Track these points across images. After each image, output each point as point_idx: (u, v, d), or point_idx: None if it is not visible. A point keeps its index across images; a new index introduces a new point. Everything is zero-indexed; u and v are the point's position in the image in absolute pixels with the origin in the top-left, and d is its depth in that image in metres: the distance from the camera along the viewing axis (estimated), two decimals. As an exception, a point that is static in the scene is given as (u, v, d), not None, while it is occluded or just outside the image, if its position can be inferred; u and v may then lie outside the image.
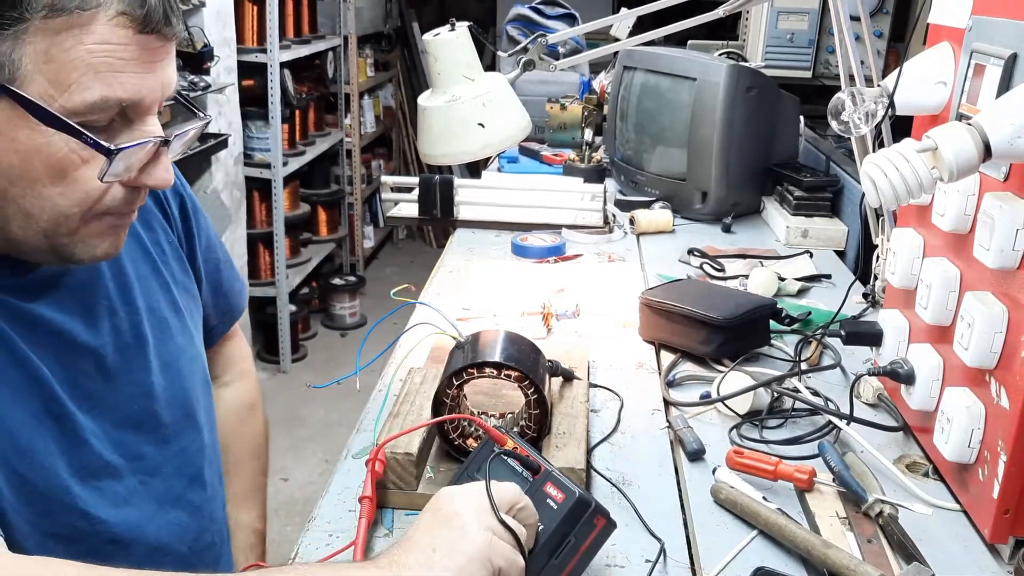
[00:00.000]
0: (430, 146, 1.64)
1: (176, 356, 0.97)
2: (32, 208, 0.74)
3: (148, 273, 0.97)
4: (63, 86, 0.70)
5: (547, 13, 3.27)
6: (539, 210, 2.16)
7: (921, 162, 0.95)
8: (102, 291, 0.90)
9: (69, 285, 0.86)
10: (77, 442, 0.85)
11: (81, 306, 0.87)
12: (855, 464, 1.12)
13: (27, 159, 0.72)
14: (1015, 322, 0.95)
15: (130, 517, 0.90)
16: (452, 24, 1.58)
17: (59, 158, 0.72)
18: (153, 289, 0.97)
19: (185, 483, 0.98)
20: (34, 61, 0.69)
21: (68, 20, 0.69)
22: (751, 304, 1.45)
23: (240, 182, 3.57)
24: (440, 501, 0.78)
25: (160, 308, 0.97)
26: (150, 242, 0.98)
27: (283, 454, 3.32)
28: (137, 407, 0.92)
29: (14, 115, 0.70)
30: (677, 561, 0.97)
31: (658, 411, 1.29)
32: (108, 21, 0.70)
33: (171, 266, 1.01)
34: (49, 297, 0.84)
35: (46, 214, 0.75)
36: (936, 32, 1.21)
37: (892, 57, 2.87)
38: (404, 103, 5.82)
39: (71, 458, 0.84)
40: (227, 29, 3.31)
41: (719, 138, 2.11)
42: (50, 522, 0.83)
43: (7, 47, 0.68)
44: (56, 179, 0.73)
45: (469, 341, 1.12)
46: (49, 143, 0.71)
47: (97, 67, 0.70)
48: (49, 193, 0.74)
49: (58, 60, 0.69)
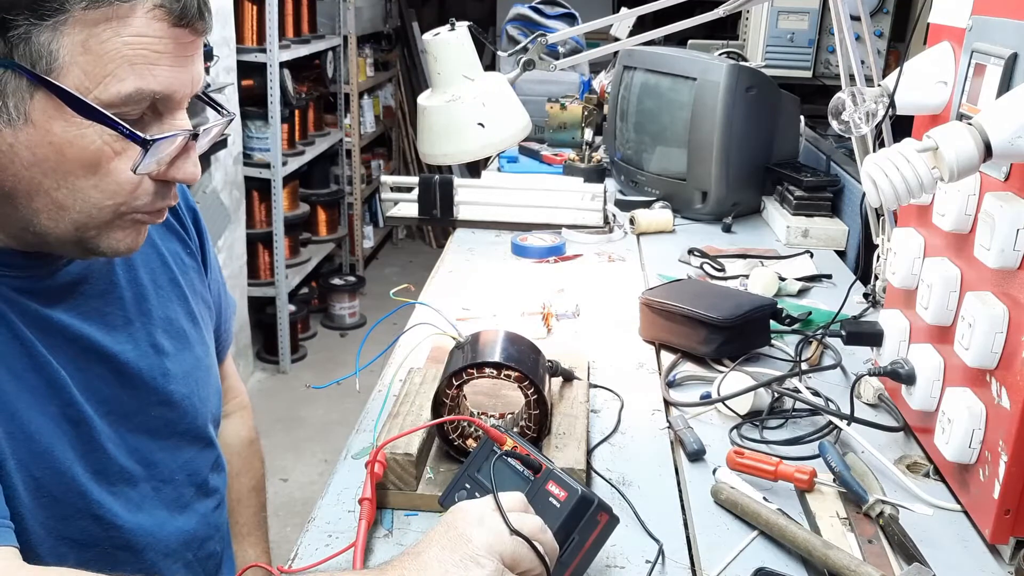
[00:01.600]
0: (430, 146, 1.64)
1: (193, 366, 0.98)
2: (65, 200, 0.75)
3: (166, 283, 0.97)
4: (99, 78, 0.70)
5: (547, 13, 3.27)
6: (539, 210, 2.16)
7: (922, 162, 0.95)
8: (117, 301, 0.90)
9: (87, 293, 0.87)
10: (94, 446, 0.85)
11: (98, 314, 0.87)
12: (856, 464, 1.12)
13: (61, 151, 0.72)
14: (1016, 322, 0.95)
15: (144, 523, 0.90)
16: (452, 24, 1.58)
17: (93, 150, 0.73)
18: (171, 300, 0.97)
19: (194, 491, 0.99)
20: (71, 53, 0.69)
21: (107, 12, 0.70)
22: (751, 304, 1.44)
23: (239, 182, 3.57)
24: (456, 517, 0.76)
25: (178, 319, 0.97)
26: (168, 253, 0.98)
27: (283, 454, 3.32)
28: (153, 414, 0.92)
29: (50, 106, 0.71)
30: (677, 562, 0.97)
31: (658, 411, 1.29)
32: (146, 14, 0.71)
33: (190, 276, 1.01)
34: (67, 303, 0.84)
35: (79, 205, 0.75)
36: (936, 32, 1.21)
37: (892, 57, 2.87)
38: (404, 103, 5.82)
39: (88, 462, 0.84)
40: (226, 29, 3.31)
41: (719, 138, 2.11)
42: (65, 526, 0.83)
43: (46, 38, 0.69)
44: (89, 171, 0.74)
45: (469, 341, 1.12)
46: (83, 135, 0.72)
47: (133, 59, 0.71)
48: (82, 185, 0.74)
49: (95, 52, 0.70)
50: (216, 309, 1.10)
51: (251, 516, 1.21)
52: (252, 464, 1.23)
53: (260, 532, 1.22)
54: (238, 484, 1.19)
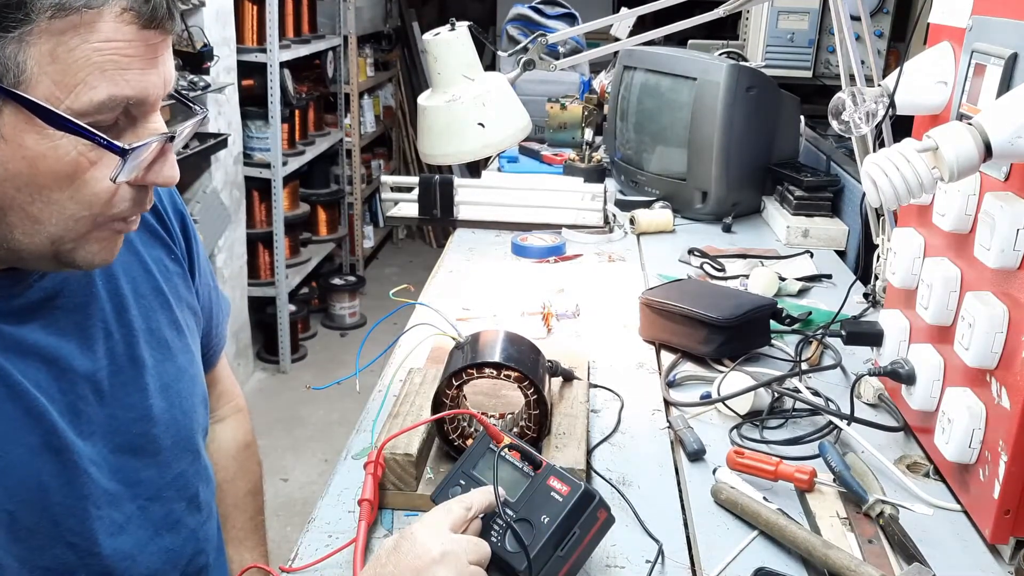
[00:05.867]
0: (430, 146, 1.64)
1: (176, 377, 0.95)
2: (40, 214, 0.72)
3: (148, 292, 0.94)
4: (69, 87, 0.68)
5: (547, 13, 3.27)
6: (539, 210, 2.16)
7: (922, 162, 0.95)
8: (97, 313, 0.87)
9: (62, 307, 0.84)
10: (77, 472, 0.83)
11: (76, 328, 0.85)
12: (856, 464, 1.12)
13: (34, 165, 0.70)
14: (1016, 322, 0.95)
15: (124, 546, 0.88)
16: (452, 24, 1.58)
17: (67, 162, 0.71)
18: (153, 309, 0.94)
19: (184, 506, 0.96)
20: (39, 63, 0.67)
21: (74, 19, 0.67)
22: (751, 304, 1.44)
23: (240, 182, 3.57)
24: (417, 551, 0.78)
25: (160, 328, 0.94)
26: (152, 260, 0.95)
27: (283, 454, 3.32)
28: (136, 431, 0.90)
29: (20, 120, 0.68)
30: (677, 562, 0.97)
31: (658, 411, 1.29)
32: (114, 19, 0.69)
33: (174, 283, 0.98)
34: (43, 319, 0.82)
35: (54, 219, 0.73)
36: (936, 32, 1.21)
37: (892, 57, 2.87)
38: (404, 103, 5.82)
39: (71, 489, 0.82)
40: (227, 29, 3.30)
41: (719, 138, 2.11)
42: (39, 556, 0.81)
43: (11, 50, 0.66)
44: (65, 183, 0.71)
45: (469, 341, 1.12)
46: (57, 147, 0.70)
47: (103, 65, 0.69)
48: (58, 198, 0.72)
49: (63, 61, 0.68)
50: (206, 314, 1.07)
51: (247, 521, 1.18)
52: (248, 468, 1.20)
53: (257, 536, 1.20)
54: (234, 488, 1.17)
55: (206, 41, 3.00)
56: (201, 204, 3.14)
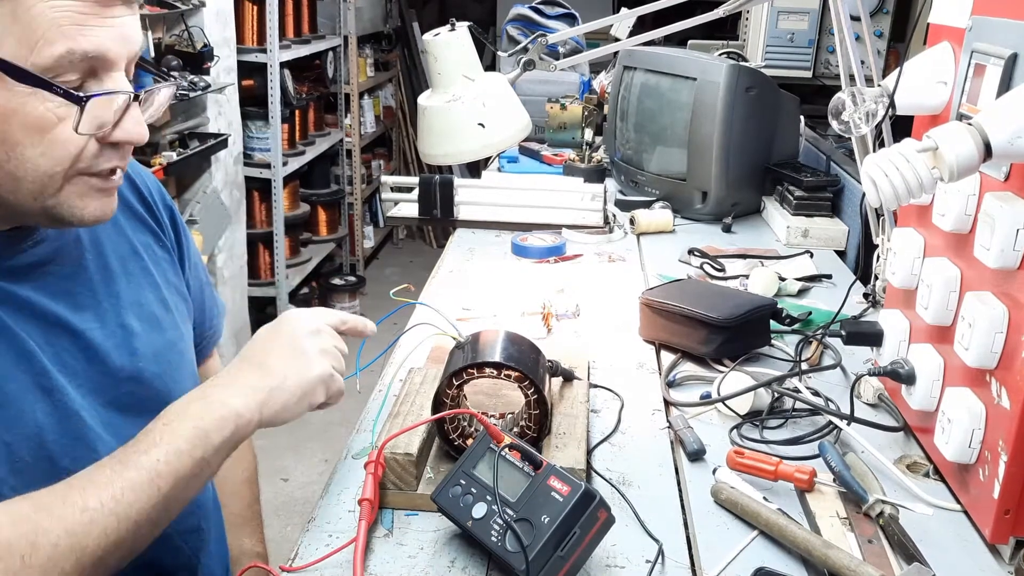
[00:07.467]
0: (430, 146, 1.64)
1: (165, 348, 0.98)
2: (16, 170, 0.77)
3: (137, 271, 0.98)
4: (31, 44, 0.73)
5: (547, 13, 3.27)
6: (539, 210, 2.16)
7: (922, 162, 0.95)
8: (86, 283, 0.91)
9: (54, 273, 0.88)
10: (69, 413, 0.85)
11: (65, 293, 0.89)
12: (856, 464, 1.12)
13: (6, 121, 0.75)
14: (1015, 322, 0.95)
15: None
16: (452, 24, 1.58)
17: (36, 117, 0.75)
18: (141, 286, 0.97)
19: None
20: (2, 24, 0.72)
21: None
22: (751, 304, 1.44)
23: (240, 182, 3.57)
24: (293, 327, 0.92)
25: (149, 304, 0.98)
26: (140, 244, 0.99)
27: (283, 454, 3.32)
28: (124, 390, 0.92)
29: None
30: (677, 562, 0.97)
31: (658, 411, 1.29)
32: None
33: (163, 268, 1.02)
34: (35, 281, 0.86)
35: (30, 175, 0.77)
36: (936, 32, 1.21)
37: (892, 57, 2.87)
38: (404, 103, 5.82)
39: (64, 429, 0.85)
40: (227, 29, 3.31)
41: (719, 138, 2.11)
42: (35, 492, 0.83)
43: None
44: (36, 139, 0.76)
45: (469, 341, 1.12)
46: (25, 103, 0.74)
47: (59, 21, 0.74)
48: (31, 155, 0.76)
49: (23, 20, 0.72)
50: (198, 305, 1.10)
51: (245, 507, 1.23)
52: (244, 457, 1.24)
53: (255, 523, 1.24)
54: (232, 476, 1.21)
55: (206, 41, 3.00)
56: (201, 204, 3.14)
